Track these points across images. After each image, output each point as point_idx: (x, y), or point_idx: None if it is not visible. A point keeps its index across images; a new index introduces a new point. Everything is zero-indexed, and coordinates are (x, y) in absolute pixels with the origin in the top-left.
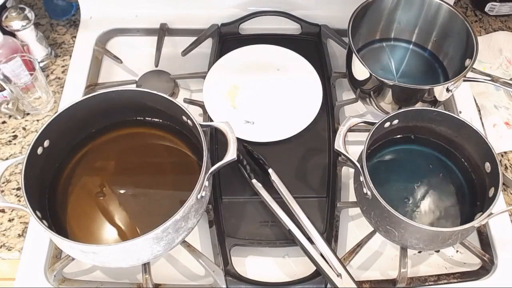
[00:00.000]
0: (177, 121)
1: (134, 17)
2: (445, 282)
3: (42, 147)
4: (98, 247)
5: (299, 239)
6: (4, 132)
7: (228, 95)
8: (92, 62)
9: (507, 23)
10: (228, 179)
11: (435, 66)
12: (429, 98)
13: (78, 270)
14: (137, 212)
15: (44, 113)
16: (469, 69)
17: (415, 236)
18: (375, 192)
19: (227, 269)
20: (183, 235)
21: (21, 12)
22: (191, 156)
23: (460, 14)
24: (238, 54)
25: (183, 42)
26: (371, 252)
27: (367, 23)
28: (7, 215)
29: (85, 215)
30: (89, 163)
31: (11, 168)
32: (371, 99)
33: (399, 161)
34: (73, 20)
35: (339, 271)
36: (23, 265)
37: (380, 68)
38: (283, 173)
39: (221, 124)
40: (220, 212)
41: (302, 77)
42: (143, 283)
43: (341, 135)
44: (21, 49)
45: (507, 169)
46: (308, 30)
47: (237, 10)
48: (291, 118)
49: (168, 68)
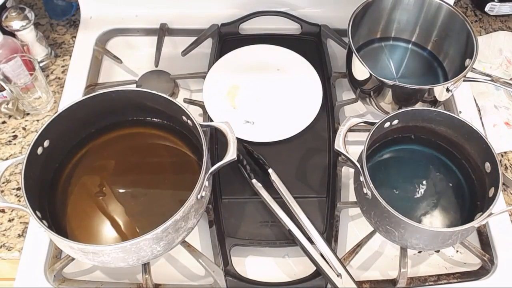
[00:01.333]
0: (177, 121)
1: (134, 17)
2: (445, 282)
3: (42, 147)
4: (98, 247)
5: (299, 239)
6: (4, 132)
7: (228, 95)
8: (92, 62)
9: (507, 23)
10: (228, 179)
11: (435, 66)
12: (429, 98)
13: (78, 270)
14: (137, 212)
15: (44, 113)
16: (469, 69)
17: (415, 236)
18: (375, 192)
19: (227, 269)
20: (183, 235)
21: (21, 12)
22: (191, 156)
23: (460, 14)
24: (238, 54)
25: (183, 42)
26: (371, 252)
27: (367, 23)
28: (7, 215)
29: (85, 215)
30: (89, 163)
31: (11, 168)
32: (371, 99)
33: (399, 161)
34: (73, 20)
35: (339, 271)
36: (23, 265)
37: (380, 68)
38: (283, 173)
39: (221, 124)
40: (220, 212)
41: (302, 77)
42: (143, 283)
43: (341, 135)
44: (21, 49)
45: (507, 169)
46: (308, 30)
47: (237, 10)
48: (291, 118)
49: (168, 68)
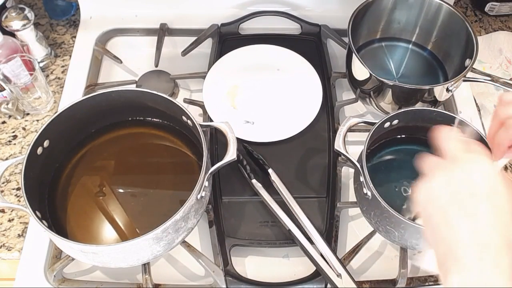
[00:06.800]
0: (177, 121)
1: (134, 17)
2: None
3: (42, 147)
4: (98, 247)
5: (299, 239)
6: (4, 132)
7: (228, 95)
8: (92, 62)
9: (507, 23)
10: (228, 179)
11: (435, 66)
12: (429, 98)
13: (78, 270)
14: (137, 212)
15: (44, 113)
16: (469, 69)
17: (415, 236)
18: (375, 192)
19: (227, 269)
20: (183, 235)
21: (21, 12)
22: (191, 156)
23: (460, 14)
24: (238, 54)
25: (183, 42)
26: (371, 252)
27: (367, 23)
28: (7, 215)
29: (85, 215)
30: (89, 163)
31: (11, 168)
32: (371, 99)
33: (399, 161)
34: (73, 20)
35: (339, 271)
36: (23, 265)
37: (380, 68)
38: (283, 173)
39: (221, 124)
40: (220, 212)
41: (302, 77)
42: (143, 283)
43: (341, 135)
44: (21, 49)
45: (507, 169)
46: (308, 30)
47: (237, 10)
48: (291, 118)
49: (168, 68)
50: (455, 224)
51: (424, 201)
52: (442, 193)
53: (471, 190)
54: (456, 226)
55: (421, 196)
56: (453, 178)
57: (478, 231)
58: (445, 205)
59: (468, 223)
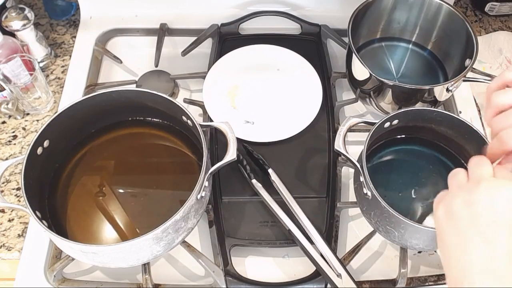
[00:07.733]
0: (177, 121)
1: (134, 17)
2: (445, 282)
3: (42, 147)
4: (98, 247)
5: (299, 239)
6: (4, 132)
7: (228, 95)
8: (92, 62)
9: (507, 23)
10: (228, 179)
11: (435, 66)
12: (429, 98)
13: (78, 270)
14: (137, 212)
15: (44, 113)
16: (469, 69)
17: (415, 236)
18: (375, 192)
19: (227, 269)
20: (183, 235)
21: (21, 12)
22: (191, 156)
23: (460, 14)
24: (238, 54)
25: (183, 42)
26: (371, 252)
27: (367, 23)
28: (7, 215)
29: (85, 215)
30: (89, 163)
31: (11, 168)
32: (371, 99)
33: (399, 161)
34: (73, 20)
35: (339, 271)
36: (23, 265)
37: (380, 68)
38: (283, 173)
39: (221, 124)
40: (220, 212)
41: (302, 77)
42: (143, 283)
43: (341, 135)
44: (21, 49)
45: None
46: (308, 30)
47: (237, 10)
48: (291, 118)
49: (168, 68)
50: (472, 249)
51: (443, 217)
52: (464, 215)
53: (493, 216)
54: (473, 252)
55: (441, 211)
56: (477, 201)
57: (494, 259)
58: (464, 227)
59: (485, 250)
